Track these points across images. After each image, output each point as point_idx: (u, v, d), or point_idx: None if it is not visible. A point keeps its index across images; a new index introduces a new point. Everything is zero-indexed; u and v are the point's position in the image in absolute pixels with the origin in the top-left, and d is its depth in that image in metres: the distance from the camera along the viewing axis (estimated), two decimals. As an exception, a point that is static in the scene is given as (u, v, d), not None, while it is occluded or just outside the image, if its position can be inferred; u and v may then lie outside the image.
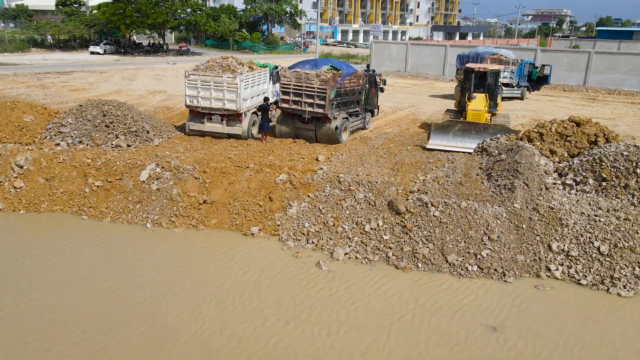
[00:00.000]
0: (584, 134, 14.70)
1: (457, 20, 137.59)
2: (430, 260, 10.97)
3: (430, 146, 15.98)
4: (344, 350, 8.37)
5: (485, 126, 16.30)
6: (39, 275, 10.38)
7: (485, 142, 15.31)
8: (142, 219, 12.89)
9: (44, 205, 13.42)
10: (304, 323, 9.04)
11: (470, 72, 18.61)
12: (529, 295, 10.08)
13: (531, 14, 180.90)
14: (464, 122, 16.60)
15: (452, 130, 16.13)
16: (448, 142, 15.92)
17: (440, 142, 15.96)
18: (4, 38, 56.95)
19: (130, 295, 9.75)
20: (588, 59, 36.09)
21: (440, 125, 16.37)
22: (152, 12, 56.26)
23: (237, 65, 16.90)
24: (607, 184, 12.34)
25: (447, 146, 15.78)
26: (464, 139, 15.98)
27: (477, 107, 17.49)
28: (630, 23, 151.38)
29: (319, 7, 62.50)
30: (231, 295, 9.82)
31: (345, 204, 12.42)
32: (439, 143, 15.92)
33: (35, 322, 8.86)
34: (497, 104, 18.94)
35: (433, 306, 9.65)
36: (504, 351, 8.47)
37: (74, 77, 33.32)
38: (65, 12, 67.54)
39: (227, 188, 13.25)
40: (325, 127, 16.61)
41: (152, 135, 16.12)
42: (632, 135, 19.53)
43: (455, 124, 16.34)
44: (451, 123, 16.40)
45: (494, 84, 18.63)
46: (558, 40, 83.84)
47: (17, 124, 16.01)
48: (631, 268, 10.46)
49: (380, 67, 38.93)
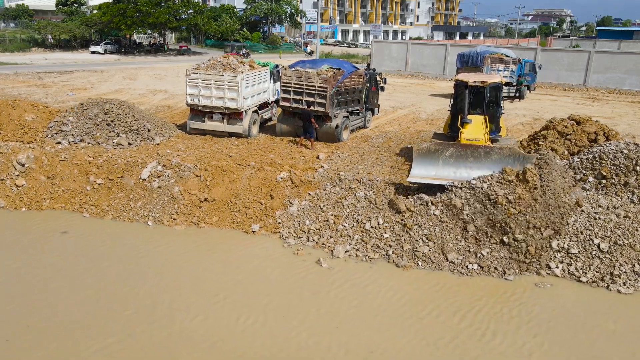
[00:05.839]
0: (584, 132, 14.75)
1: (457, 20, 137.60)
2: (430, 258, 11.00)
3: (413, 179, 12.08)
4: (349, 348, 8.40)
5: (488, 150, 11.88)
6: (39, 273, 10.42)
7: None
8: (143, 216, 12.94)
9: (45, 203, 13.46)
10: (305, 320, 9.08)
11: (463, 88, 14.02)
12: (529, 293, 10.12)
13: (531, 14, 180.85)
14: (458, 144, 12.40)
15: (441, 157, 12.02)
16: (437, 172, 11.97)
17: (426, 172, 12.01)
18: (5, 38, 56.99)
19: (131, 293, 9.79)
20: (588, 59, 36.11)
21: (426, 149, 12.11)
22: (153, 12, 56.33)
23: (237, 64, 16.95)
24: (607, 182, 12.38)
25: (436, 179, 11.87)
26: (459, 168, 11.93)
27: (473, 135, 13.09)
28: (630, 23, 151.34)
29: (319, 7, 62.57)
30: (232, 293, 9.86)
31: (345, 202, 12.46)
32: (424, 175, 11.99)
33: (35, 320, 8.90)
34: (500, 127, 14.69)
35: (433, 304, 9.68)
36: (506, 349, 8.50)
37: (74, 76, 33.36)
38: (66, 12, 67.58)
39: (228, 186, 13.29)
40: (326, 125, 16.65)
41: (153, 133, 16.16)
42: (632, 134, 19.57)
43: (446, 148, 12.10)
44: (440, 146, 12.17)
45: (495, 101, 14.39)
46: (558, 40, 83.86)
47: (19, 123, 16.06)
48: (631, 265, 10.50)
49: (380, 67, 38.93)
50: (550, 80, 36.04)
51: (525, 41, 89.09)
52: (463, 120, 13.55)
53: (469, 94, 13.78)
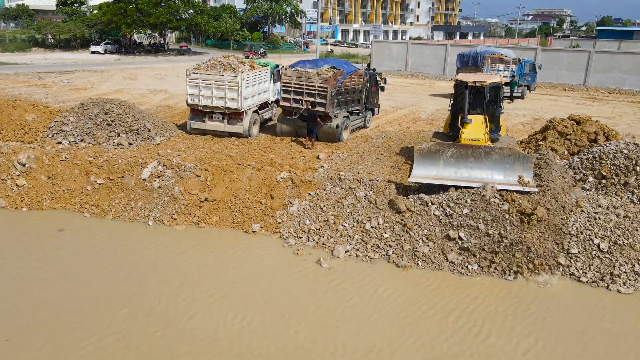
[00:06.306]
0: (584, 132, 14.77)
1: (457, 20, 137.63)
2: (430, 258, 11.02)
3: (414, 179, 12.29)
4: (349, 347, 8.42)
5: (489, 150, 12.14)
6: (39, 273, 10.44)
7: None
8: (144, 216, 12.95)
9: (46, 203, 13.48)
10: (305, 320, 9.09)
11: (463, 87, 14.17)
12: (528, 293, 10.13)
13: (531, 13, 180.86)
14: (459, 145, 12.67)
15: (442, 157, 12.22)
16: (438, 172, 12.23)
17: (428, 173, 12.26)
18: (5, 38, 57.00)
19: (132, 292, 9.80)
20: (588, 59, 36.14)
21: (427, 150, 12.33)
22: (153, 12, 56.33)
23: (238, 64, 16.97)
24: (606, 182, 12.40)
25: (437, 179, 12.15)
26: (460, 168, 12.19)
27: (473, 135, 13.31)
28: (630, 23, 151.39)
29: (320, 7, 62.58)
30: (232, 293, 9.88)
31: (346, 202, 12.47)
32: (425, 175, 12.25)
33: (35, 319, 8.92)
34: (500, 126, 14.95)
35: (433, 304, 9.70)
36: (505, 348, 8.52)
37: (75, 76, 33.38)
38: (66, 11, 67.57)
39: (229, 186, 13.31)
40: (326, 125, 16.67)
41: (154, 133, 16.18)
42: (632, 134, 19.59)
43: (447, 148, 12.33)
44: (441, 147, 12.41)
45: (494, 101, 14.52)
46: (558, 40, 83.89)
47: (19, 123, 16.08)
48: (631, 265, 10.52)
49: (380, 67, 38.98)
50: (550, 80, 36.08)
51: (525, 41, 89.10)
52: (463, 120, 13.64)
53: (469, 94, 13.87)
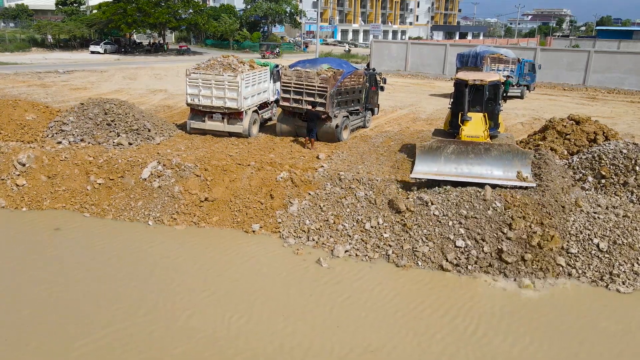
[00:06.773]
0: (583, 132, 14.78)
1: (457, 20, 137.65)
2: (430, 258, 11.04)
3: (416, 175, 12.60)
4: (348, 347, 8.44)
5: (488, 147, 12.65)
6: (39, 272, 10.44)
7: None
8: (144, 216, 12.97)
9: (46, 202, 13.49)
10: (305, 319, 9.12)
11: (462, 86, 14.35)
12: (527, 293, 10.15)
13: (531, 13, 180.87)
14: (459, 141, 13.08)
15: (443, 154, 12.65)
16: (439, 168, 12.64)
17: (429, 169, 12.64)
18: (5, 38, 56.97)
19: (131, 291, 9.82)
20: (588, 58, 36.15)
21: (429, 147, 12.79)
22: (153, 11, 56.32)
23: (238, 64, 16.97)
24: (606, 182, 12.42)
25: (438, 175, 12.56)
26: (460, 164, 12.60)
27: (473, 132, 13.67)
28: (630, 23, 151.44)
29: (319, 6, 62.62)
30: (232, 292, 9.89)
31: (345, 202, 12.49)
32: (427, 171, 12.61)
33: (35, 317, 8.93)
34: (499, 123, 15.18)
35: (433, 304, 9.72)
36: (504, 348, 8.54)
37: (74, 76, 33.38)
38: (65, 11, 67.54)
39: (228, 186, 13.32)
40: (326, 125, 16.68)
41: (154, 133, 16.19)
42: (631, 133, 19.61)
43: (448, 145, 12.84)
44: (442, 144, 12.92)
45: (494, 99, 14.70)
46: (558, 39, 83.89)
47: (19, 122, 16.08)
48: (630, 264, 10.54)
49: (380, 67, 38.95)
50: (550, 80, 36.07)
51: (525, 41, 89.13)
52: (463, 117, 13.96)
53: (469, 92, 14.13)
